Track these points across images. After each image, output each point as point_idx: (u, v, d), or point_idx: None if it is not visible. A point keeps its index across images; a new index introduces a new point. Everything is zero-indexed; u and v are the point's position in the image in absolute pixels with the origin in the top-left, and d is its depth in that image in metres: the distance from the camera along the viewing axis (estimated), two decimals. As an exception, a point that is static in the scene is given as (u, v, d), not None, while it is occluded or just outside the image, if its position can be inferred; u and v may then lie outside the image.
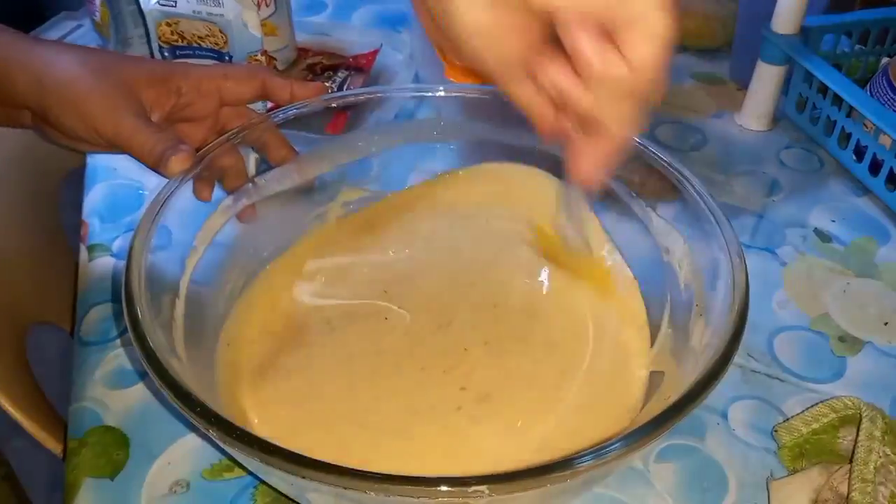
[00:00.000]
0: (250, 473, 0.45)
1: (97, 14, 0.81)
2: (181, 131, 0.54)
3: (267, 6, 0.73)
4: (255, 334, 0.50)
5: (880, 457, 0.43)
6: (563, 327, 0.51)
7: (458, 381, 0.47)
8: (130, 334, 0.38)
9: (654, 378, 0.47)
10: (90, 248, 0.61)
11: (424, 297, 0.52)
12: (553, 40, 0.33)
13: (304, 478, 0.33)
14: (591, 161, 0.36)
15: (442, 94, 0.57)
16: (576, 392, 0.46)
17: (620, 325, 0.51)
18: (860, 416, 0.46)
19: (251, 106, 0.57)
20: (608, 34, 0.31)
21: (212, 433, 0.34)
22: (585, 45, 0.31)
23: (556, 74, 0.33)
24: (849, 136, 0.71)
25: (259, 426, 0.44)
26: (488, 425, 0.44)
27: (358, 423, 0.44)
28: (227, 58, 0.68)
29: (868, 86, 0.72)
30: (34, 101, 0.50)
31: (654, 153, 0.50)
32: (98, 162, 0.69)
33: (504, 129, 0.57)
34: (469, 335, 0.50)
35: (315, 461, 0.32)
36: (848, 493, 0.42)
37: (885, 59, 0.79)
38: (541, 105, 0.36)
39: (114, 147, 0.50)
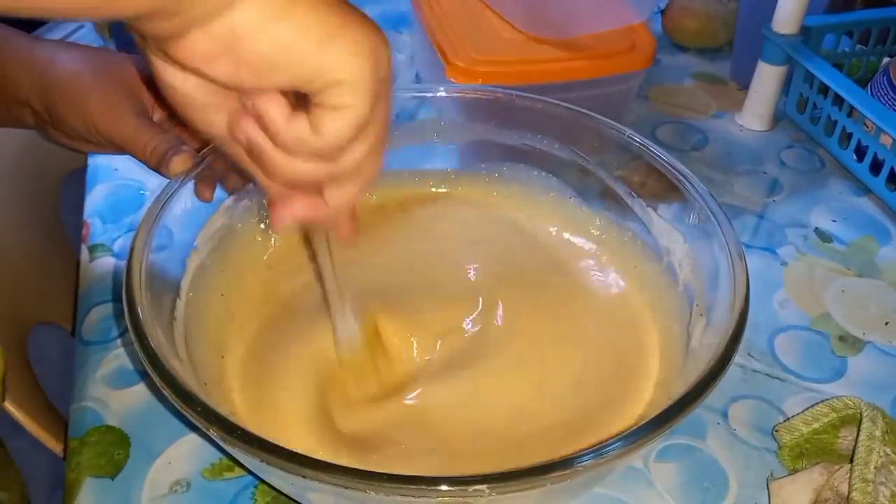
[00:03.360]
0: (250, 473, 0.45)
1: (98, 14, 0.81)
2: (182, 131, 0.54)
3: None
4: (252, 328, 0.50)
5: (881, 456, 0.43)
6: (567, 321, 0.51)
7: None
8: (131, 334, 0.39)
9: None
10: (91, 248, 0.61)
11: (425, 292, 0.52)
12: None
13: (304, 477, 0.33)
14: (291, 211, 0.37)
15: (442, 94, 0.57)
16: (576, 392, 0.46)
17: (621, 324, 0.51)
18: (861, 415, 0.46)
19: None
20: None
21: (212, 433, 0.34)
22: (268, 107, 0.33)
23: (248, 128, 0.34)
24: (850, 135, 0.71)
25: (257, 424, 0.44)
26: (485, 411, 0.44)
27: (357, 419, 0.44)
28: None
29: (869, 86, 0.72)
30: (36, 99, 0.50)
31: (654, 153, 0.50)
32: (99, 162, 0.69)
33: (504, 129, 0.57)
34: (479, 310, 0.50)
35: (315, 461, 0.33)
36: (848, 493, 0.42)
37: (886, 59, 0.79)
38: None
39: (115, 147, 0.51)
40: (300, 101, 0.33)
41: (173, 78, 0.33)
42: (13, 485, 0.60)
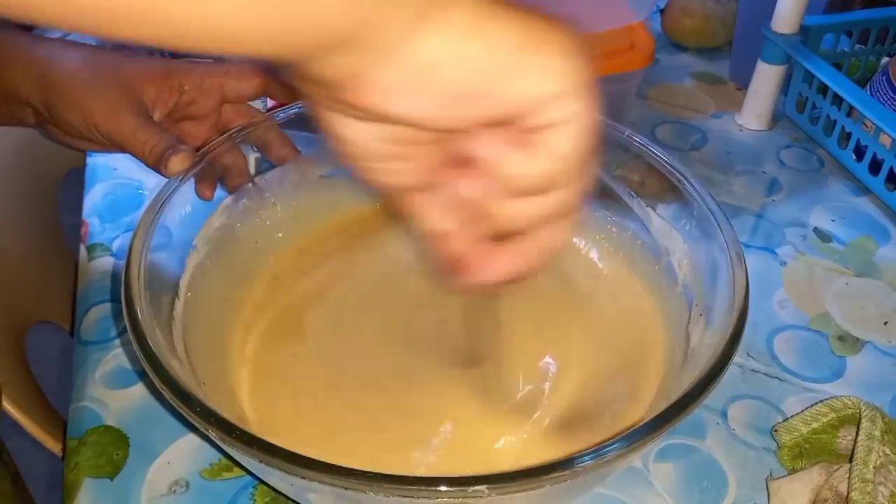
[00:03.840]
0: (249, 473, 0.45)
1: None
2: (183, 129, 0.54)
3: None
4: (253, 329, 0.49)
5: (880, 456, 0.43)
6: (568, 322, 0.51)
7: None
8: (130, 334, 0.38)
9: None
10: (90, 248, 0.61)
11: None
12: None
13: (303, 478, 0.33)
14: (508, 267, 0.33)
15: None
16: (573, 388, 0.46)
17: (620, 324, 0.51)
18: (860, 415, 0.46)
19: (252, 103, 0.57)
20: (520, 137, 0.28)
21: (211, 433, 0.34)
22: (489, 150, 0.29)
23: (467, 188, 0.31)
24: (849, 135, 0.71)
25: (258, 425, 0.44)
26: (492, 424, 0.44)
27: (361, 424, 0.44)
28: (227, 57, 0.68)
29: (868, 85, 0.72)
30: (37, 97, 0.50)
31: (653, 153, 0.50)
32: (98, 161, 0.69)
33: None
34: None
35: (315, 461, 0.32)
36: (847, 493, 0.42)
37: (885, 59, 0.79)
38: (445, 222, 0.33)
39: (114, 145, 0.50)
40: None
41: (348, 129, 0.29)
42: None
